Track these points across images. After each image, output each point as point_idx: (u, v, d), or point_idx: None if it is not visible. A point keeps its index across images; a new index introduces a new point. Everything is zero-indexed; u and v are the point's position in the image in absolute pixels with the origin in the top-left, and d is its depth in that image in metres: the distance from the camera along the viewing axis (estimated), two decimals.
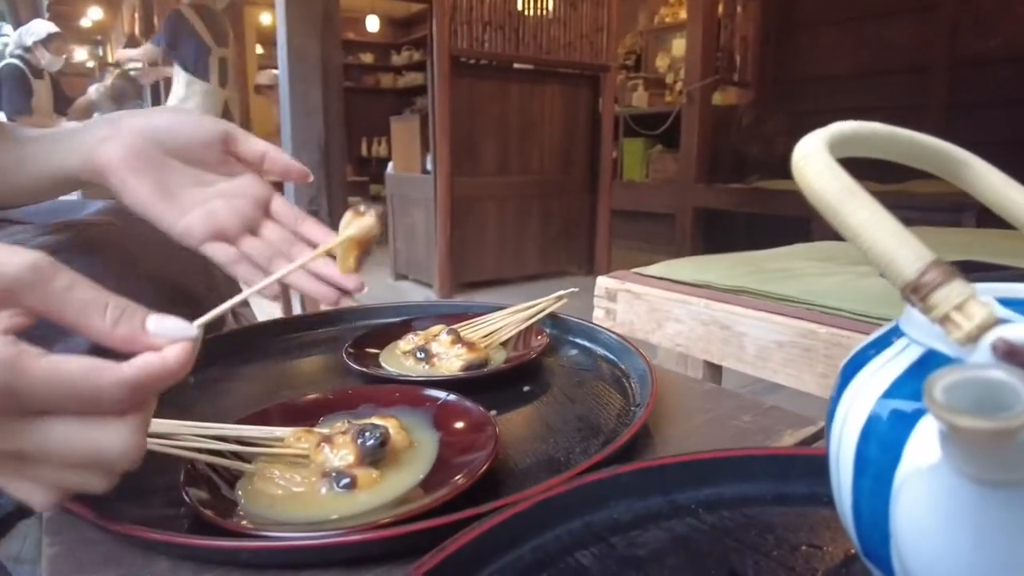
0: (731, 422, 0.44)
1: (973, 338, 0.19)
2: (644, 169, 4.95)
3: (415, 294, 3.44)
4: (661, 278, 1.00)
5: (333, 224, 0.48)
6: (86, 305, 0.26)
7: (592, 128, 3.80)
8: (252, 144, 0.47)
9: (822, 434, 0.44)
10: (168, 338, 0.27)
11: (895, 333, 0.26)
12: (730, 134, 4.45)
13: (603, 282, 1.04)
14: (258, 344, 0.61)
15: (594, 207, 3.84)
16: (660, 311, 0.96)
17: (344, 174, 2.94)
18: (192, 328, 0.28)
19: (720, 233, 4.32)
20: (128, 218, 0.60)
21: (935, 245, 0.22)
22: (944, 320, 0.20)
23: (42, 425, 0.24)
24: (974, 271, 0.88)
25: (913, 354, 0.24)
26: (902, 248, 0.22)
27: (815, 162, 0.24)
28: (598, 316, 1.03)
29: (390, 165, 3.87)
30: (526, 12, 3.38)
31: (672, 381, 0.51)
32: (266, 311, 2.79)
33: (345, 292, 0.46)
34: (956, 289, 0.20)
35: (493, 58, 3.36)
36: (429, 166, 3.29)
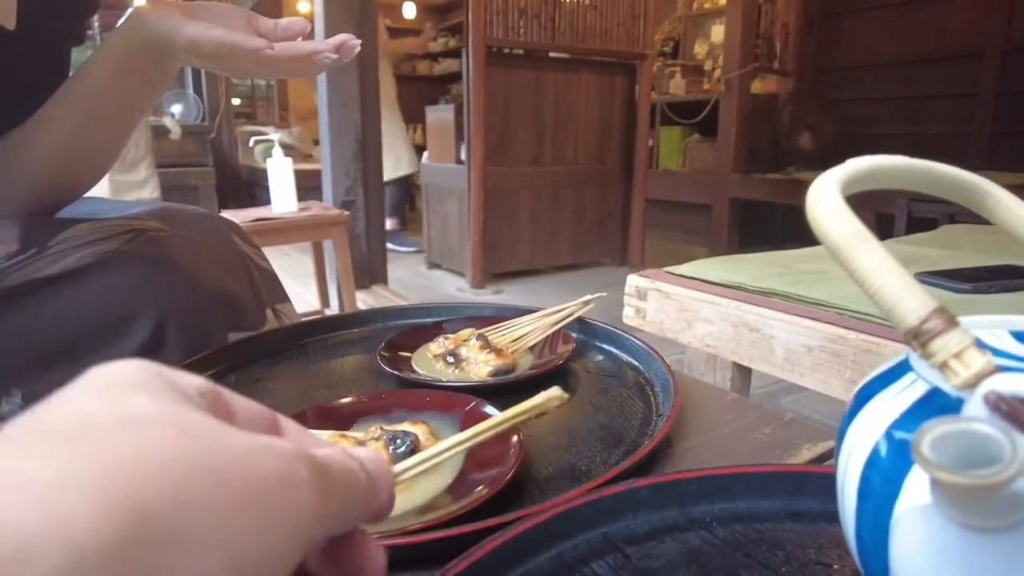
0: (751, 434, 0.45)
1: (970, 386, 0.20)
2: (680, 158, 4.90)
3: (448, 283, 3.48)
4: (691, 278, 1.01)
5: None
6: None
7: (628, 117, 3.77)
8: (264, 21, 0.58)
9: None
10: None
11: (905, 367, 0.27)
12: (769, 124, 4.37)
13: (633, 281, 1.05)
14: (296, 344, 0.64)
15: (629, 197, 3.82)
16: (690, 311, 0.97)
17: (381, 165, 2.98)
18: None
19: (757, 224, 4.26)
20: (175, 220, 0.64)
21: (969, 245, 0.23)
22: (943, 367, 0.21)
23: None
24: (1015, 277, 0.87)
25: (919, 390, 0.25)
26: (905, 294, 0.23)
27: (827, 206, 0.25)
28: (628, 315, 1.04)
29: (424, 155, 3.90)
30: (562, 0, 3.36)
31: (695, 390, 0.52)
32: (306, 301, 2.84)
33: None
34: (956, 338, 0.21)
35: (528, 47, 3.35)
36: (463, 156, 3.31)
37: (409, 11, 7.99)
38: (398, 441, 0.38)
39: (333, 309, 2.59)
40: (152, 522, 0.13)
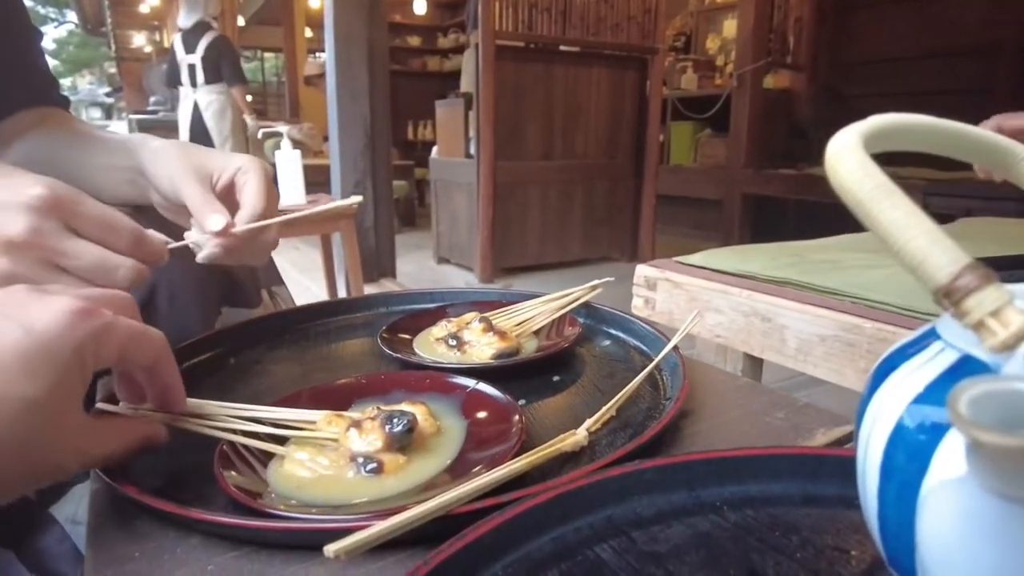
0: (763, 419, 0.43)
1: (1009, 346, 0.18)
2: (692, 153, 4.86)
3: (456, 278, 3.47)
4: (702, 267, 0.99)
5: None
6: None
7: (639, 112, 3.74)
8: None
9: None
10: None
11: (931, 335, 0.25)
12: (781, 119, 4.33)
13: (642, 270, 1.03)
14: (296, 328, 0.63)
15: (639, 192, 3.79)
16: (700, 301, 0.95)
17: (389, 160, 2.97)
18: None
19: (769, 220, 4.22)
20: None
21: (987, 236, 0.21)
22: (978, 327, 0.19)
23: (79, 240, 0.39)
24: None
25: (948, 359, 0.23)
26: (935, 249, 0.21)
27: (848, 158, 0.23)
28: (637, 305, 1.02)
29: (434, 150, 3.88)
30: None
31: (705, 374, 0.51)
32: (315, 294, 2.84)
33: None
34: (992, 294, 0.19)
35: (539, 41, 3.33)
36: (472, 151, 3.30)
37: (420, 7, 7.98)
38: (395, 420, 0.37)
39: None
40: None
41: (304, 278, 3.18)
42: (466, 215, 3.47)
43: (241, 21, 7.11)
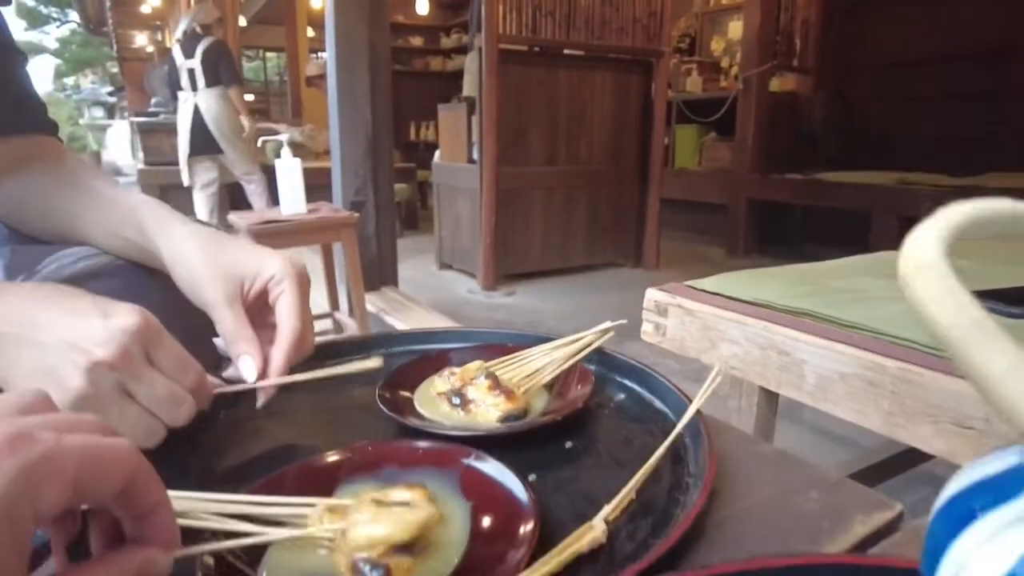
0: (795, 500, 0.40)
1: None
2: (697, 157, 4.81)
3: (459, 285, 3.43)
4: (715, 293, 0.95)
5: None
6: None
7: (643, 115, 3.70)
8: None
9: (898, 523, 0.39)
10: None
11: (1018, 484, 0.21)
12: (788, 123, 4.28)
13: (652, 295, 0.99)
14: (294, 374, 0.59)
15: (644, 197, 3.76)
16: (714, 330, 0.91)
17: (392, 165, 2.93)
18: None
19: (776, 225, 4.18)
20: None
21: (1005, 259, 0.17)
22: None
23: (156, 371, 0.40)
24: None
25: None
26: None
27: (934, 283, 0.19)
28: (647, 331, 0.99)
29: (437, 153, 3.85)
30: None
31: (730, 442, 0.47)
32: (316, 302, 2.83)
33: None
34: None
35: (543, 45, 3.29)
36: (476, 155, 3.26)
37: (422, 7, 7.94)
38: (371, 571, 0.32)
39: (343, 311, 2.55)
40: None
41: None
42: (469, 221, 3.44)
43: (243, 21, 7.09)
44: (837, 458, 1.59)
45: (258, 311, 0.50)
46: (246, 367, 0.47)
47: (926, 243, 0.20)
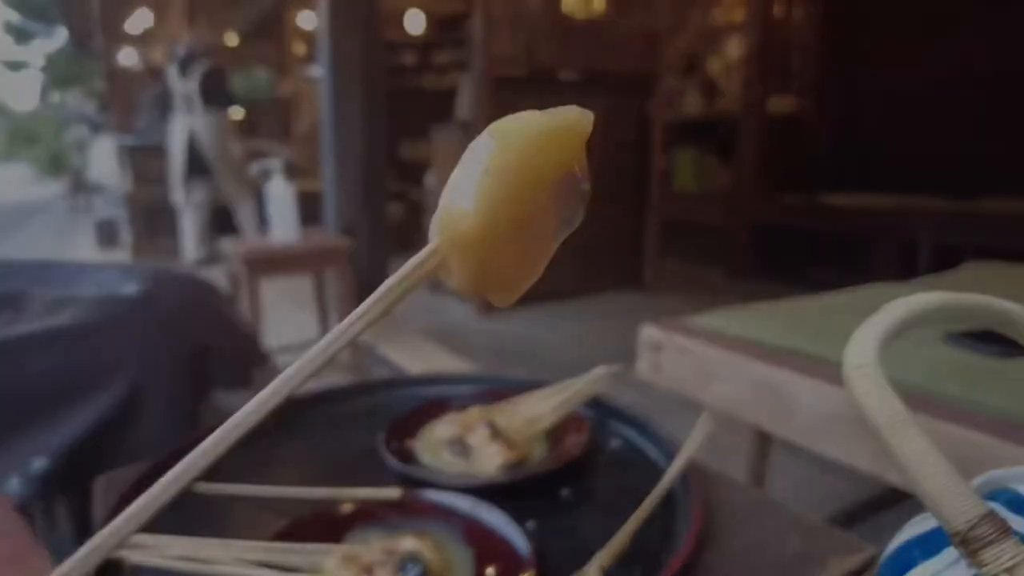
0: (776, 545, 0.42)
1: None
2: (696, 179, 4.86)
3: (455, 310, 3.45)
4: (711, 331, 0.98)
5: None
6: None
7: (641, 137, 3.74)
8: None
9: (872, 563, 0.42)
10: None
11: (943, 539, 0.24)
12: (788, 145, 4.33)
13: (648, 332, 1.02)
14: (298, 419, 0.62)
15: (643, 219, 3.79)
16: (708, 369, 0.94)
17: (385, 188, 2.93)
18: None
19: (777, 247, 4.20)
20: (162, 284, 0.64)
21: (1003, 290, 0.21)
22: None
23: None
24: None
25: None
26: (954, 493, 0.21)
27: (866, 380, 0.22)
28: (642, 368, 1.01)
29: (429, 175, 3.89)
30: (573, 16, 3.35)
31: (716, 488, 0.50)
32: (309, 326, 2.77)
33: None
34: (1009, 550, 0.19)
35: (538, 67, 3.34)
36: None
37: (416, 25, 8.00)
38: (408, 567, 0.36)
39: None
40: None
41: (296, 309, 3.16)
42: None
43: (234, 38, 7.19)
44: (836, 488, 1.60)
45: None
46: None
47: (864, 346, 0.24)
